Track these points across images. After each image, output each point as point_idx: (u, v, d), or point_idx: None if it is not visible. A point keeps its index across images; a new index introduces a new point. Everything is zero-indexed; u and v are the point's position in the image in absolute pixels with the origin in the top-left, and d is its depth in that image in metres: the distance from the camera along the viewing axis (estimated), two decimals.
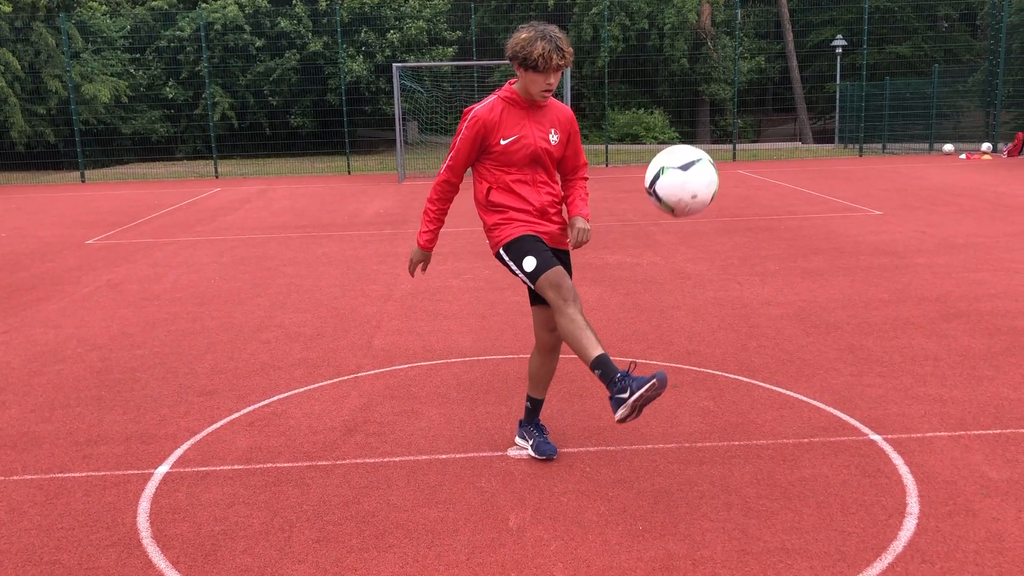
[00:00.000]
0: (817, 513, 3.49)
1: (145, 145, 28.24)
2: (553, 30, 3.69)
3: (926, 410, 4.57)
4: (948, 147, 22.52)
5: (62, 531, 3.54)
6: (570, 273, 3.96)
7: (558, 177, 4.02)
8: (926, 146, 23.98)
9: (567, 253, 4.01)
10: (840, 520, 3.43)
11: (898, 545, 3.23)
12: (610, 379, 3.42)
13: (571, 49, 3.72)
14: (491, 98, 3.83)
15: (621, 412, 3.38)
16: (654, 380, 3.30)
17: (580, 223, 3.83)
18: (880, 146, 24.59)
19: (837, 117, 27.95)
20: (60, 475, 4.08)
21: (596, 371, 3.47)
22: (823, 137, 31.70)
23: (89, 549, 3.39)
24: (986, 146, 21.61)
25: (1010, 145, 21.04)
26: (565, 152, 3.94)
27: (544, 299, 3.78)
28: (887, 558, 3.15)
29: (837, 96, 27.65)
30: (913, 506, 3.53)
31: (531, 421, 4.18)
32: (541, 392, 4.14)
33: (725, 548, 3.25)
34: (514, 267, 3.78)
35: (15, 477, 4.07)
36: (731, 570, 3.10)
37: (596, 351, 3.48)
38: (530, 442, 4.13)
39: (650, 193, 3.79)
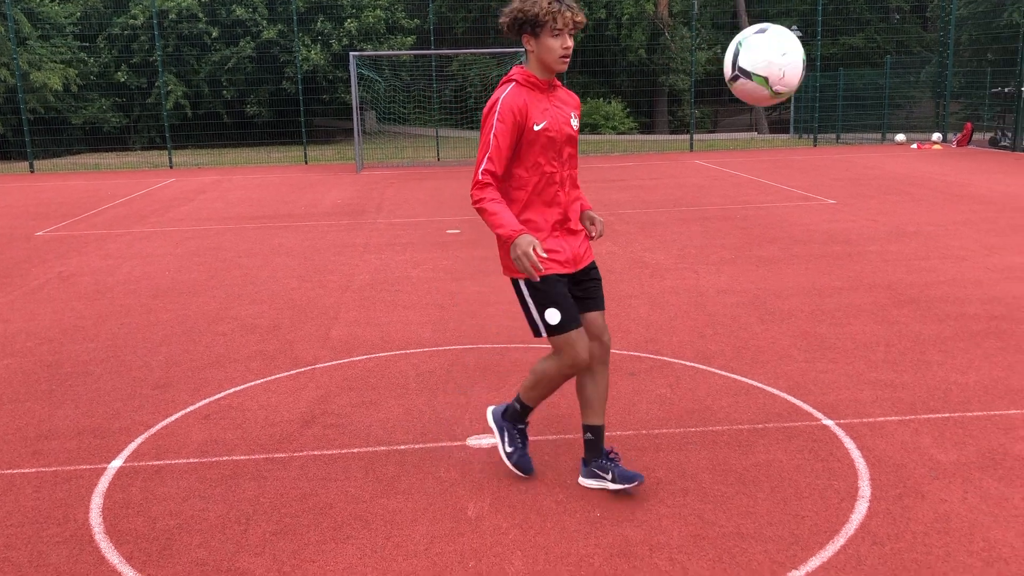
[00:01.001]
0: (771, 498, 3.55)
1: (97, 135, 27.69)
2: None
3: (877, 395, 4.65)
4: (900, 137, 22.89)
5: (12, 528, 3.47)
6: (600, 280, 3.61)
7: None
8: (879, 136, 24.37)
9: (593, 266, 3.61)
10: (794, 504, 3.49)
11: (850, 528, 3.30)
12: (516, 420, 3.76)
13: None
14: (507, 86, 3.40)
15: (493, 426, 3.85)
16: (526, 475, 3.76)
17: (597, 216, 3.63)
18: (834, 136, 24.93)
19: (792, 108, 28.26)
20: (9, 471, 4.00)
21: (516, 404, 3.74)
22: (778, 127, 32.04)
23: (40, 546, 3.33)
24: (936, 136, 22.01)
25: (959, 135, 21.45)
26: None
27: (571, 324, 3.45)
28: (839, 540, 3.21)
29: None
30: (865, 489, 3.60)
31: (599, 454, 3.62)
32: (599, 417, 3.60)
33: (681, 533, 3.29)
34: (533, 308, 3.42)
35: None
36: (687, 555, 3.14)
37: (535, 404, 3.72)
38: (608, 476, 3.59)
39: (735, 77, 3.38)
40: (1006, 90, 20.18)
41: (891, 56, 26.88)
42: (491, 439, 4.19)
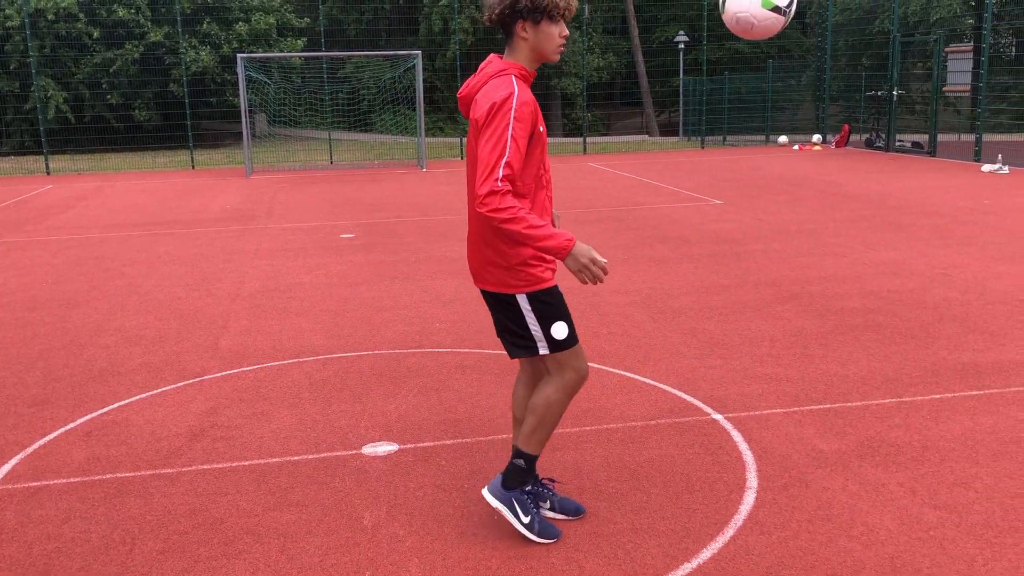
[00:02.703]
0: (664, 492, 3.62)
1: None
2: None
3: (763, 389, 4.81)
4: (783, 139, 23.77)
5: None
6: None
7: None
8: (763, 138, 25.24)
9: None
10: (686, 498, 3.57)
11: (739, 519, 3.39)
12: (524, 480, 3.27)
13: None
14: (509, 79, 3.03)
15: (498, 505, 3.25)
16: (553, 540, 3.26)
17: (556, 212, 3.45)
18: (721, 138, 25.70)
19: (681, 111, 28.98)
20: None
21: (518, 460, 3.24)
22: (668, 130, 32.82)
23: None
24: (816, 137, 22.95)
25: (838, 137, 22.43)
26: None
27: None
28: (729, 531, 3.30)
29: (680, 91, 28.68)
30: (752, 480, 3.71)
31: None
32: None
33: (577, 532, 3.32)
34: (536, 325, 3.12)
35: None
36: (583, 553, 3.17)
37: (540, 450, 3.26)
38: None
39: (786, 9, 3.57)
40: (879, 93, 21.20)
41: (774, 60, 27.87)
42: (387, 446, 4.15)
